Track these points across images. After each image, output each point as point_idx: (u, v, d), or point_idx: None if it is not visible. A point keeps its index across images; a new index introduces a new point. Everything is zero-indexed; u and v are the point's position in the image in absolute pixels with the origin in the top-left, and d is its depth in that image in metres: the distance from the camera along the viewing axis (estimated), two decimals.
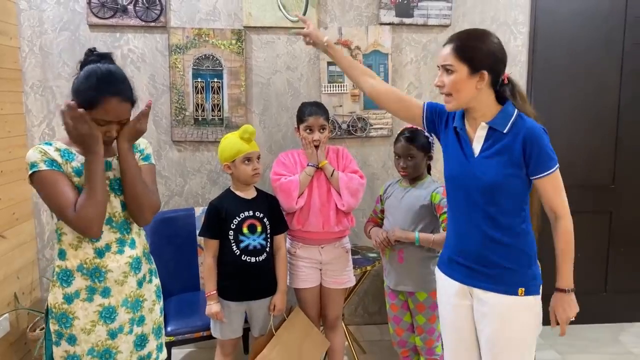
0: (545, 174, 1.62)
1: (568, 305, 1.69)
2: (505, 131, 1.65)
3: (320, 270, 2.46)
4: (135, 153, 1.73)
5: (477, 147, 1.70)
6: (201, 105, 2.92)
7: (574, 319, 1.71)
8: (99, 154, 1.55)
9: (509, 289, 1.68)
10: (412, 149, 2.27)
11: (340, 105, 2.98)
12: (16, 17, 2.79)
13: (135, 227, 1.73)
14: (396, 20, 2.98)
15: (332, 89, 2.98)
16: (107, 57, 1.65)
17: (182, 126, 2.92)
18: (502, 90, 1.70)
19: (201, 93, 2.92)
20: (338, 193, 2.40)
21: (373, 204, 2.56)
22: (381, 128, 3.05)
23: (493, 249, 1.69)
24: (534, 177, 1.63)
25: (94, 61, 1.61)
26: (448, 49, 1.66)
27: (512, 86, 1.71)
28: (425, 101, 1.94)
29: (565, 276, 1.68)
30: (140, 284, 1.72)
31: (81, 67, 1.62)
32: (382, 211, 2.44)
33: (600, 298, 3.41)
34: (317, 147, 2.40)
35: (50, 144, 1.61)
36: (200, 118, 2.93)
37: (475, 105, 1.68)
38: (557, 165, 1.64)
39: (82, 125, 1.51)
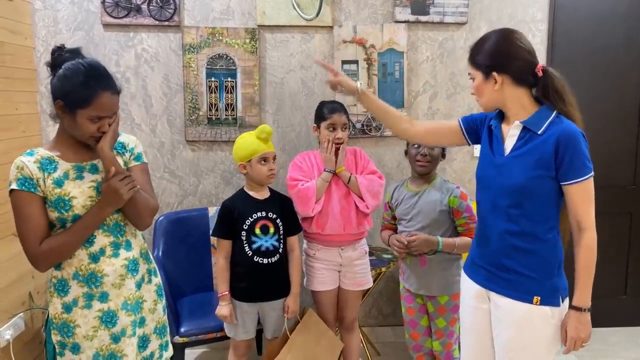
0: (576, 181, 1.55)
1: (582, 324, 1.58)
2: (540, 132, 1.59)
3: (339, 272, 2.43)
4: (125, 153, 1.70)
5: (508, 146, 1.66)
6: (215, 104, 2.91)
7: (584, 344, 1.60)
8: (109, 213, 1.59)
9: (524, 296, 1.62)
10: None
11: (355, 105, 2.95)
12: (31, 17, 2.79)
13: (130, 228, 1.70)
14: (412, 18, 2.94)
15: None
16: (78, 52, 1.60)
17: (195, 126, 2.91)
18: (538, 87, 1.63)
19: (215, 92, 2.90)
20: (358, 196, 2.37)
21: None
22: None
23: (512, 254, 1.65)
24: (564, 183, 1.56)
25: (68, 59, 1.55)
26: (467, 58, 1.70)
27: (548, 81, 1.61)
28: (458, 118, 1.91)
29: (583, 294, 1.58)
30: (139, 285, 1.70)
31: (52, 67, 1.57)
32: (394, 217, 2.39)
33: (620, 301, 3.34)
34: (338, 147, 2.36)
35: (32, 154, 1.57)
36: (213, 118, 2.91)
37: (505, 105, 1.66)
38: (591, 174, 1.55)
39: (127, 186, 1.57)
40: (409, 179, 2.36)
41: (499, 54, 1.61)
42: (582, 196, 1.56)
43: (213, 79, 2.89)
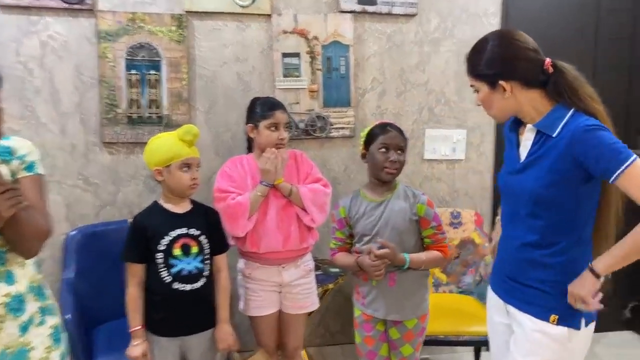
0: (618, 172, 1.33)
1: (584, 282, 1.42)
2: (554, 135, 1.45)
3: (280, 293, 2.13)
4: (12, 161, 1.36)
5: (523, 152, 1.54)
6: (136, 101, 2.53)
7: (586, 306, 1.43)
8: None
9: (540, 313, 1.50)
10: (403, 142, 1.96)
11: (297, 102, 2.66)
12: None
13: (13, 256, 1.35)
14: (358, 7, 2.68)
15: (287, 83, 2.65)
16: None
17: (113, 125, 2.52)
18: (550, 85, 1.47)
19: (136, 87, 2.52)
20: (301, 208, 2.07)
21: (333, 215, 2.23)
22: (343, 128, 2.74)
23: (532, 268, 1.52)
24: (611, 181, 1.36)
25: None
26: (466, 68, 1.57)
27: (559, 77, 1.46)
28: None
29: (607, 262, 1.40)
30: (24, 328, 1.35)
31: None
32: (351, 236, 2.05)
33: None
34: (280, 148, 2.07)
35: None
36: (135, 116, 2.54)
37: (520, 111, 1.51)
38: (634, 157, 1.34)
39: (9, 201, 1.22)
40: (366, 187, 2.04)
41: (502, 60, 1.47)
42: (636, 183, 1.34)
43: (134, 72, 2.52)
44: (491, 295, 1.70)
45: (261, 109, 2.11)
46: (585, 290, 1.42)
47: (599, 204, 1.50)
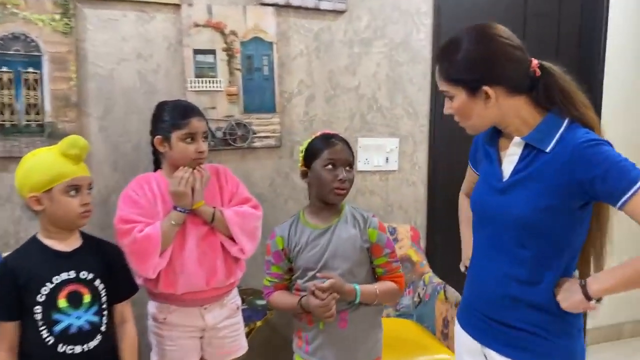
0: (631, 192, 1.11)
1: (577, 303, 1.21)
2: (548, 149, 1.23)
3: (202, 338, 1.75)
4: None
5: (507, 168, 1.31)
6: (9, 105, 2.02)
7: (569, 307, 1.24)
8: None
9: (532, 358, 1.27)
10: (351, 155, 1.66)
11: (213, 107, 2.28)
12: None
13: None
14: (281, 1, 2.36)
15: (201, 84, 2.26)
16: None
17: None
18: (539, 90, 1.25)
19: (9, 88, 2.02)
20: (227, 236, 1.71)
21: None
22: (267, 137, 2.40)
23: (514, 306, 1.29)
24: (619, 205, 1.14)
25: None
26: (437, 71, 1.33)
27: (550, 81, 1.24)
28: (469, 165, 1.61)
29: (605, 283, 1.19)
30: None
31: None
32: (290, 270, 1.71)
33: None
34: (199, 163, 1.71)
35: None
36: (7, 124, 2.02)
37: (503, 121, 1.30)
38: None
39: None
40: (307, 211, 1.72)
41: (484, 61, 1.24)
42: None
43: (5, 69, 2.01)
44: (461, 336, 1.44)
45: (172, 116, 1.73)
46: (573, 309, 1.24)
47: (590, 223, 1.29)
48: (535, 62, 1.26)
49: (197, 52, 2.24)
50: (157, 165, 1.90)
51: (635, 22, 3.07)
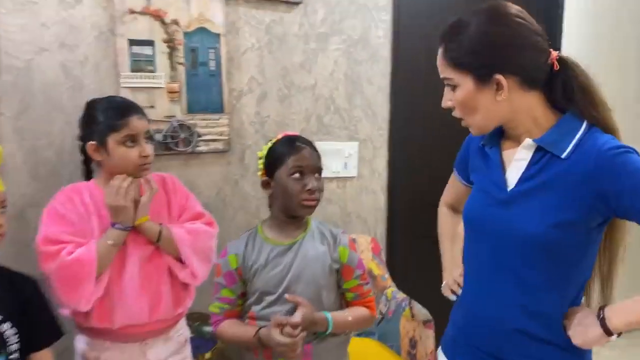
0: None
1: (596, 338, 1.04)
2: (564, 155, 1.06)
3: None
4: None
5: (513, 175, 1.13)
6: None
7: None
8: None
9: None
10: (320, 160, 1.44)
11: (152, 107, 1.99)
12: None
13: None
14: None
15: (137, 80, 1.97)
16: None
17: None
18: (556, 87, 1.07)
19: None
20: (176, 258, 1.45)
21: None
22: (215, 140, 2.13)
23: (523, 341, 1.11)
24: None
25: None
26: (439, 54, 1.13)
27: (570, 77, 1.06)
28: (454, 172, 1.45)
29: (629, 316, 1.01)
30: None
31: None
32: (243, 294, 1.46)
33: None
34: (145, 169, 1.46)
35: None
36: None
37: (513, 120, 1.12)
38: None
39: None
40: (266, 225, 1.48)
41: (500, 44, 1.05)
42: None
43: None
44: None
45: (106, 116, 1.45)
46: (588, 345, 1.08)
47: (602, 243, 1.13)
48: (555, 53, 1.09)
49: (132, 42, 1.94)
50: (88, 175, 1.61)
51: (590, 23, 3.06)
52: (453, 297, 1.36)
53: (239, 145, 2.21)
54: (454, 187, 1.46)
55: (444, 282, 1.44)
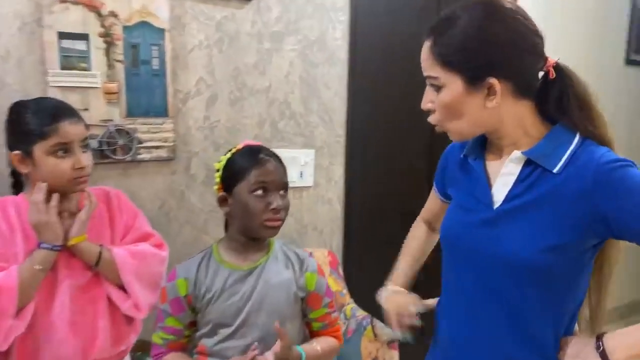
0: None
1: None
2: (556, 170, 0.96)
3: None
4: None
5: (500, 191, 1.01)
6: None
7: None
8: None
9: None
10: (285, 175, 1.29)
11: (86, 109, 1.75)
12: None
13: None
14: None
15: (68, 79, 1.73)
16: None
17: None
18: (550, 97, 0.98)
19: None
20: (117, 285, 1.24)
21: None
22: (158, 147, 1.92)
23: None
24: None
25: None
26: (426, 48, 1.00)
27: (566, 85, 0.95)
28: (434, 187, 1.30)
29: (632, 347, 0.91)
30: None
31: None
32: (193, 324, 1.29)
33: None
34: (81, 183, 1.26)
35: None
36: None
37: (499, 129, 1.00)
38: None
39: None
40: (223, 246, 1.31)
41: (497, 42, 0.93)
42: None
43: None
44: None
45: (33, 121, 1.25)
46: None
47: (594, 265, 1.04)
48: (551, 60, 0.98)
49: (62, 35, 1.70)
50: (17, 187, 1.38)
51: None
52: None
53: (185, 153, 2.00)
54: (431, 202, 1.34)
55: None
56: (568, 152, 0.95)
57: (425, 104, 1.02)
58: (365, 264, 2.50)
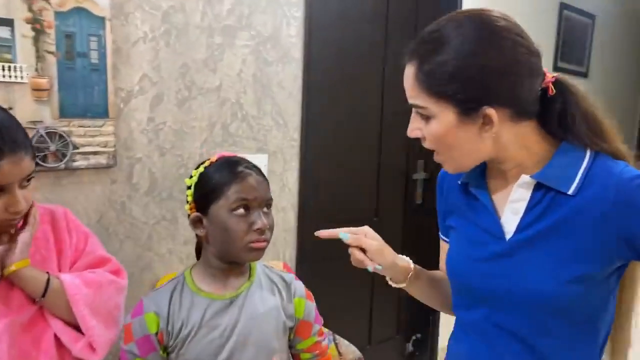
0: None
1: None
2: (571, 191, 0.87)
3: None
4: None
5: (510, 220, 0.92)
6: None
7: None
8: None
9: None
10: (269, 190, 1.14)
11: (11, 108, 1.48)
12: None
13: None
14: None
15: None
16: None
17: None
18: (552, 113, 0.89)
19: None
20: (67, 322, 1.02)
21: None
22: (96, 153, 1.67)
23: None
24: None
25: None
26: (410, 75, 0.89)
27: (569, 102, 0.87)
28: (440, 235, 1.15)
29: None
30: None
31: None
32: None
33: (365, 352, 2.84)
34: (14, 224, 1.06)
35: None
36: None
37: (501, 155, 0.92)
38: None
39: None
40: (197, 272, 1.13)
41: (492, 70, 0.83)
42: None
43: None
44: None
45: None
46: None
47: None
48: (549, 75, 0.89)
49: None
50: None
51: None
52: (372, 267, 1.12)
53: (127, 160, 1.77)
54: (443, 252, 1.20)
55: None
56: (581, 170, 0.88)
57: (412, 132, 0.92)
58: (320, 277, 2.37)
